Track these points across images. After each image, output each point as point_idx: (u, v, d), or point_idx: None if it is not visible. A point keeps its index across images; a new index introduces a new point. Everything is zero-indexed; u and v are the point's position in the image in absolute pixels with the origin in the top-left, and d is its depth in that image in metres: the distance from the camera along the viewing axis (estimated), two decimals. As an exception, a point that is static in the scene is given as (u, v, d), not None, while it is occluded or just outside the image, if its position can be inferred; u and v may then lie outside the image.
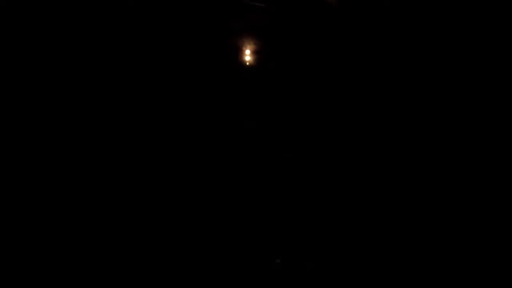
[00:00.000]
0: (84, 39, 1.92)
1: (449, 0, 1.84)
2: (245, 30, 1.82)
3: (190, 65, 1.93)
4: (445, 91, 1.88)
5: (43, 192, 1.83)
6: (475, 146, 1.86)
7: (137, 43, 1.89)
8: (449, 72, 1.89)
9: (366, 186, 1.90)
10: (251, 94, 1.89)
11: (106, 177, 1.85)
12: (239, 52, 1.86)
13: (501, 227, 1.78)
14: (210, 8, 1.86)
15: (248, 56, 1.85)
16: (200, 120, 1.91)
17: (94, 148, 1.86)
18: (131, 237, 1.83)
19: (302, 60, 1.91)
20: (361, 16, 1.87)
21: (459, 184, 1.85)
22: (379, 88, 1.92)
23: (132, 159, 1.87)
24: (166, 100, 1.92)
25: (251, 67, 1.87)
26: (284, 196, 1.92)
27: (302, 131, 1.92)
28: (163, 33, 1.88)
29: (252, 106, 1.90)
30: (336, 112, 1.90)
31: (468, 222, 1.82)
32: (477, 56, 1.86)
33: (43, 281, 1.75)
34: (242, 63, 1.86)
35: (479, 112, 1.85)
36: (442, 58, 1.90)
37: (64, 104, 1.88)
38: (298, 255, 1.86)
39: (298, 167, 1.92)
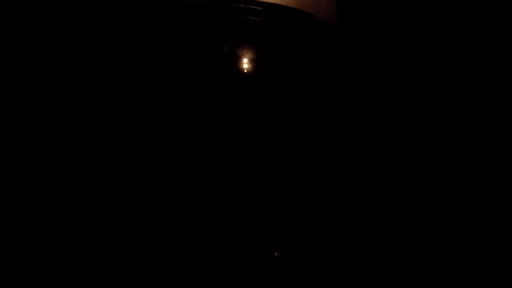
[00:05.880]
0: (83, 43, 1.92)
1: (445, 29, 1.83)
2: (242, 41, 1.90)
3: (193, 70, 1.96)
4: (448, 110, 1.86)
5: (43, 192, 1.83)
6: (471, 150, 1.87)
7: (140, 55, 1.90)
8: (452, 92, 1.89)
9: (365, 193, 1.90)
10: (248, 98, 1.94)
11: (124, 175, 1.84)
12: (237, 60, 1.93)
13: (502, 227, 1.79)
14: (210, 23, 1.90)
15: (245, 63, 1.93)
16: (200, 121, 1.92)
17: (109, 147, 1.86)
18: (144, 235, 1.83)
19: (297, 67, 1.94)
20: (361, 39, 1.88)
21: (459, 184, 1.86)
22: (379, 101, 1.93)
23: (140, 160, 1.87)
24: (168, 103, 1.93)
25: (248, 72, 1.94)
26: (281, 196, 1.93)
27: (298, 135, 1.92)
28: (169, 51, 1.89)
29: (249, 108, 1.93)
30: (335, 116, 1.91)
31: (468, 223, 1.83)
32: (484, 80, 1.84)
33: (43, 281, 1.76)
34: (240, 69, 1.93)
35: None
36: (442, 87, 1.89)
37: (64, 104, 1.89)
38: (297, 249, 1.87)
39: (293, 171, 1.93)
